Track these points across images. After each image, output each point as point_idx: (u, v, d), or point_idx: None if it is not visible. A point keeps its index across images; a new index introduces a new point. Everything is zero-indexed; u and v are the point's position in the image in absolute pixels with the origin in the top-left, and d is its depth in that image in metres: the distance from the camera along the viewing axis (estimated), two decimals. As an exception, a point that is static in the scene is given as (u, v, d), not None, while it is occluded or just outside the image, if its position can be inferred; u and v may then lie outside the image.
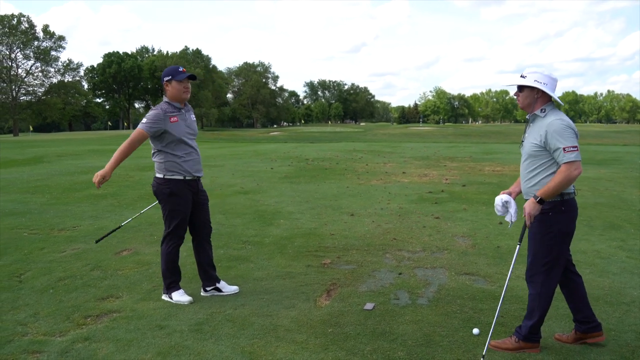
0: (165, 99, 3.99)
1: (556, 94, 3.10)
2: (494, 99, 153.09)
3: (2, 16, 64.28)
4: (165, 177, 3.91)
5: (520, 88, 3.10)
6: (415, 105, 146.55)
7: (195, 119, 4.22)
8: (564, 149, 2.92)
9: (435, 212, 7.68)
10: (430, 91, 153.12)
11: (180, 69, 3.94)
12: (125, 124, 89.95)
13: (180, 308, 3.89)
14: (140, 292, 4.22)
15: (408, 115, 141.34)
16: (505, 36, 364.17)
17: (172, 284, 4.06)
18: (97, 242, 4.94)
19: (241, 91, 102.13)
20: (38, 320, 3.64)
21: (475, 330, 3.39)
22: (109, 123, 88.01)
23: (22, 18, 65.59)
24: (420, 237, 6.17)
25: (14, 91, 65.82)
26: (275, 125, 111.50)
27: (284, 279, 4.59)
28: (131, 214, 7.64)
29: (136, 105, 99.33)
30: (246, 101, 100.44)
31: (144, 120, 3.87)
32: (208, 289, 4.18)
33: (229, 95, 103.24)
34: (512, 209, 3.26)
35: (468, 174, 13.06)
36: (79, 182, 11.54)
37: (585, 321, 3.22)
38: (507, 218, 3.29)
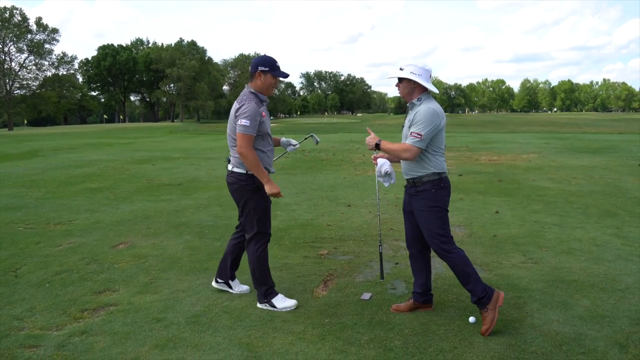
0: (249, 88, 3.64)
1: (433, 84, 3.43)
2: (491, 89, 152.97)
3: (-6, 9, 63.71)
4: (249, 172, 3.60)
5: (400, 79, 3.42)
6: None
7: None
8: (411, 132, 3.34)
9: (431, 202, 7.68)
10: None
11: (278, 64, 3.64)
12: (121, 116, 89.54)
13: (177, 300, 3.88)
14: (136, 285, 4.22)
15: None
16: (502, 25, 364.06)
17: (269, 290, 3.75)
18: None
19: (237, 83, 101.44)
20: (34, 315, 3.63)
21: (472, 319, 3.41)
22: (105, 116, 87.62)
23: (14, 11, 65.08)
24: (417, 227, 6.17)
25: (7, 85, 65.41)
26: (271, 117, 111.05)
27: (281, 270, 4.59)
28: (128, 207, 7.62)
29: (132, 98, 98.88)
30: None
31: (245, 122, 3.47)
32: (220, 280, 4.08)
33: (225, 87, 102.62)
34: (391, 172, 3.70)
35: (465, 164, 13.07)
36: (74, 175, 11.50)
37: (425, 293, 3.59)
38: (387, 182, 3.67)
